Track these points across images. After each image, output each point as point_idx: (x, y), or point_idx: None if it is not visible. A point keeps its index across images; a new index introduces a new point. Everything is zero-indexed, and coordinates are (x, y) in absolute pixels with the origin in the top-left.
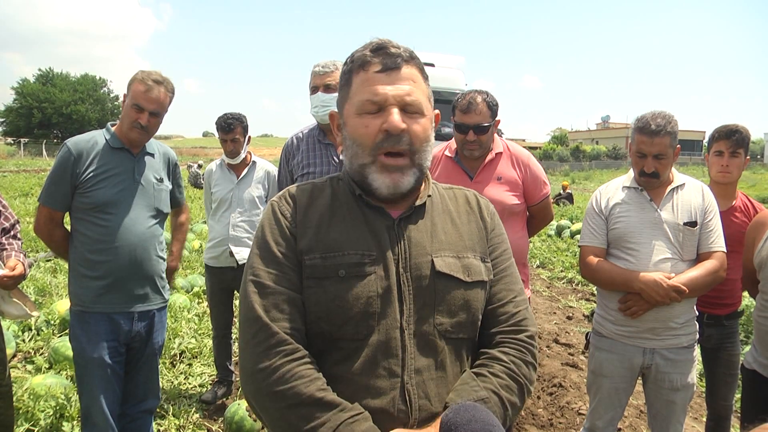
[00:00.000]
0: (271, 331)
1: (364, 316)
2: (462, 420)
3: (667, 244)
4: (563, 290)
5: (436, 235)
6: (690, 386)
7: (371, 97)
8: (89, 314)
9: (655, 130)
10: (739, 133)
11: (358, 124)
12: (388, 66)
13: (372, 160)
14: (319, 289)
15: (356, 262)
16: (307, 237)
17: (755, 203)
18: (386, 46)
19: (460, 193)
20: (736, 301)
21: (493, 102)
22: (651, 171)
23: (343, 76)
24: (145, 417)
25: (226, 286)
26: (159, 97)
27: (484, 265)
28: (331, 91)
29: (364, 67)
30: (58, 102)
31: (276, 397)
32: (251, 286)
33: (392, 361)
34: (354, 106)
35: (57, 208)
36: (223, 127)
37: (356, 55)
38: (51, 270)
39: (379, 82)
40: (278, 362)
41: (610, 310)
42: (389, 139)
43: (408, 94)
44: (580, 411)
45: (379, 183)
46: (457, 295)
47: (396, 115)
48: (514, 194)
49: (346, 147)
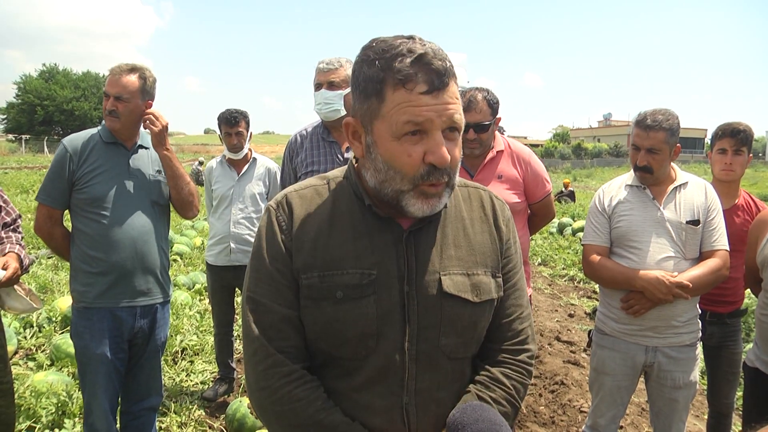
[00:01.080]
0: (268, 351)
1: (362, 338)
2: (469, 419)
3: (670, 242)
4: (565, 288)
5: (447, 250)
6: (692, 384)
7: (413, 118)
8: (91, 310)
9: (650, 125)
10: (743, 132)
11: (398, 150)
12: (436, 87)
13: (411, 187)
14: (316, 309)
15: (355, 284)
16: (303, 253)
17: (758, 201)
18: (429, 60)
19: (475, 193)
20: (738, 299)
21: (494, 100)
22: (642, 165)
23: (369, 82)
24: (148, 414)
25: (227, 284)
26: (121, 81)
27: (495, 281)
28: (335, 89)
29: (405, 85)
30: (59, 99)
31: (278, 416)
32: (248, 303)
33: (392, 381)
34: (390, 127)
35: (55, 206)
36: (228, 120)
37: (392, 63)
38: (52, 267)
39: (424, 103)
40: (276, 384)
41: (613, 308)
42: (435, 173)
43: (455, 113)
44: (582, 409)
45: (416, 208)
46: (463, 315)
47: (442, 146)
48: (515, 192)
49: (377, 168)
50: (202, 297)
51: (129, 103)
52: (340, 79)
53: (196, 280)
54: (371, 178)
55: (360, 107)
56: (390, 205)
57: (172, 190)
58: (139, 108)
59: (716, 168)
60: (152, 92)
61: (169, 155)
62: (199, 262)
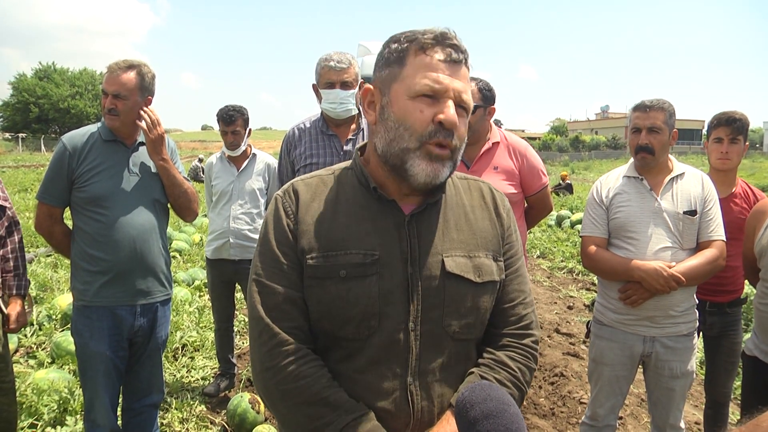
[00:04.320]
0: (273, 331)
1: (365, 317)
2: (477, 398)
3: (667, 232)
4: (564, 280)
5: (448, 233)
6: (689, 374)
7: (432, 83)
8: (92, 308)
9: (649, 105)
10: (739, 121)
11: (411, 107)
12: (453, 59)
13: (418, 146)
14: (320, 289)
15: (358, 262)
16: (308, 235)
17: (755, 190)
18: (449, 36)
19: (475, 185)
20: (738, 289)
21: (487, 87)
22: (644, 144)
23: (392, 53)
24: (149, 411)
25: (227, 279)
26: (119, 79)
27: (497, 264)
28: (349, 88)
29: (426, 51)
30: (55, 97)
31: (283, 395)
32: (254, 286)
33: (395, 362)
34: (408, 88)
35: (55, 204)
36: (224, 118)
37: (416, 36)
38: (51, 265)
39: (442, 70)
40: (282, 362)
41: (611, 298)
42: (442, 132)
43: (465, 91)
44: (582, 400)
45: (419, 170)
46: (466, 296)
47: (453, 109)
48: (511, 183)
49: (388, 128)
50: (202, 293)
51: (128, 100)
52: (352, 78)
53: (196, 277)
54: (380, 141)
55: (380, 74)
56: (395, 170)
57: (170, 197)
58: (139, 105)
59: (713, 157)
60: (151, 88)
61: (165, 165)
62: (199, 258)
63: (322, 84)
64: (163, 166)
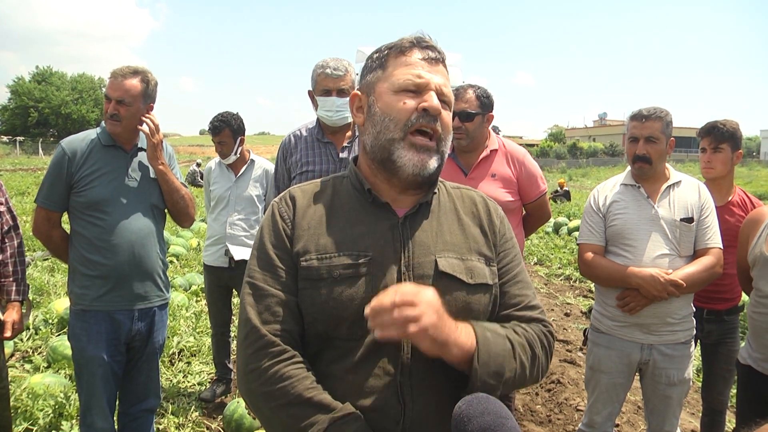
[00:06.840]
0: (259, 333)
1: (358, 318)
2: (475, 412)
3: (665, 240)
4: (561, 287)
5: (442, 236)
6: (686, 381)
7: (414, 78)
8: (89, 313)
9: (646, 114)
10: (717, 129)
11: (394, 100)
12: (431, 57)
13: (402, 136)
14: (314, 290)
15: (350, 264)
16: (303, 239)
17: (753, 199)
18: (425, 39)
19: (467, 193)
20: (735, 296)
21: (484, 94)
22: (642, 154)
23: (374, 61)
24: (146, 416)
25: (224, 285)
26: (123, 85)
27: (489, 268)
28: (345, 95)
29: (405, 53)
30: (54, 101)
31: (266, 397)
32: (247, 288)
33: (387, 361)
34: (392, 84)
35: (54, 209)
36: (211, 129)
37: (395, 44)
38: (48, 269)
39: (422, 67)
40: (266, 364)
41: (608, 306)
42: (425, 117)
43: (445, 85)
44: (579, 407)
45: (406, 160)
46: (459, 296)
47: (436, 99)
48: (508, 191)
49: (374, 123)
50: (199, 298)
51: (131, 107)
52: (348, 85)
53: (193, 282)
54: (369, 137)
55: (365, 81)
56: (383, 164)
57: (168, 202)
58: (141, 112)
59: (700, 167)
60: (153, 96)
61: (163, 170)
62: (196, 263)
63: (318, 91)
64: (162, 171)
